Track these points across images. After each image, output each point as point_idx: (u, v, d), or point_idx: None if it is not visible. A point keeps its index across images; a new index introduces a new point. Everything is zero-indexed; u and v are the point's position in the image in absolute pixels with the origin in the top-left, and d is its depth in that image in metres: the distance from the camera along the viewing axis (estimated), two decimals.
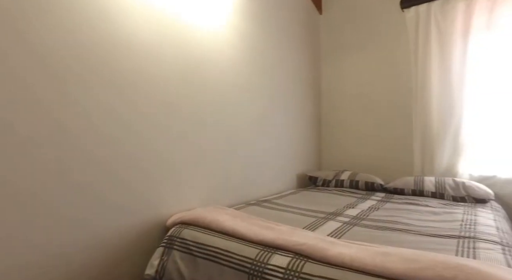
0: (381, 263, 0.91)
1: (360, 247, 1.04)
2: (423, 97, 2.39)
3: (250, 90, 2.07)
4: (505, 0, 2.12)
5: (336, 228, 1.39)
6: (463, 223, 1.47)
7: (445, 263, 0.85)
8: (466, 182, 2.05)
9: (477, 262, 0.88)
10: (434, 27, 2.34)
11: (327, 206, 1.85)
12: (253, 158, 2.09)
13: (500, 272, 0.82)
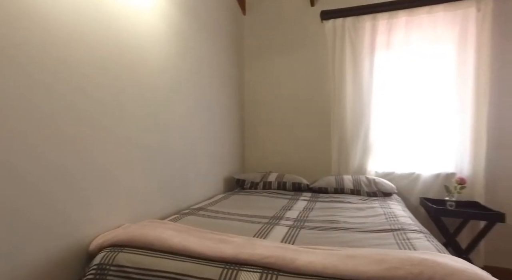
0: (353, 267, 0.92)
1: (326, 252, 1.04)
2: (339, 104, 2.63)
3: (177, 90, 1.89)
4: (398, 25, 2.51)
5: (286, 233, 1.38)
6: (386, 216, 1.66)
7: (410, 260, 0.91)
8: (376, 179, 2.35)
9: (431, 254, 0.98)
10: (348, 41, 2.61)
11: (264, 209, 1.83)
12: (181, 162, 1.91)
13: (447, 260, 0.93)
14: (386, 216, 1.66)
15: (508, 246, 2.29)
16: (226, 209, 1.81)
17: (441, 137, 2.41)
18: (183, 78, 1.93)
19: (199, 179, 2.12)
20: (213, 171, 2.35)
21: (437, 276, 0.85)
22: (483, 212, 2.04)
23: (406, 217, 1.65)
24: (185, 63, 1.94)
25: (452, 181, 2.30)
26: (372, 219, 1.62)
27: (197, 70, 2.10)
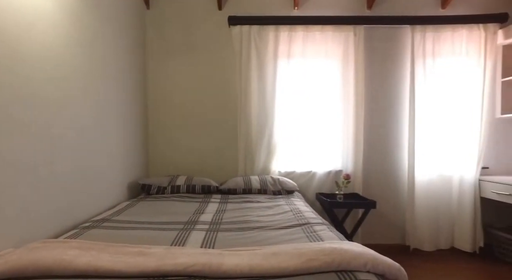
0: (277, 264, 0.99)
1: (250, 253, 1.08)
2: (246, 107, 2.75)
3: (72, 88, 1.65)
4: (297, 38, 2.79)
5: (204, 238, 1.37)
6: (293, 212, 1.83)
7: (322, 251, 1.04)
8: (280, 178, 2.55)
9: (337, 243, 1.14)
10: (254, 48, 2.75)
11: (177, 215, 1.77)
12: (77, 169, 1.67)
13: (350, 247, 1.10)
14: (293, 213, 1.82)
15: (377, 226, 2.82)
16: (135, 218, 1.67)
17: (331, 139, 2.79)
18: (75, 77, 1.68)
19: (99, 187, 1.89)
20: (115, 177, 2.13)
21: (344, 262, 0.99)
22: (362, 201, 2.47)
23: (310, 212, 1.85)
24: (76, 59, 1.70)
25: (340, 177, 2.69)
26: (281, 216, 1.76)
27: (97, 71, 1.87)
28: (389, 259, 1.07)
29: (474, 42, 2.75)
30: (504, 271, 2.43)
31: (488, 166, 2.80)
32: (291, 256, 1.02)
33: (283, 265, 0.98)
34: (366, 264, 1.01)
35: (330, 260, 0.99)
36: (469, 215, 2.69)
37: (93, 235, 1.37)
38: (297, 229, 1.49)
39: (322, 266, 0.98)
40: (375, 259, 1.03)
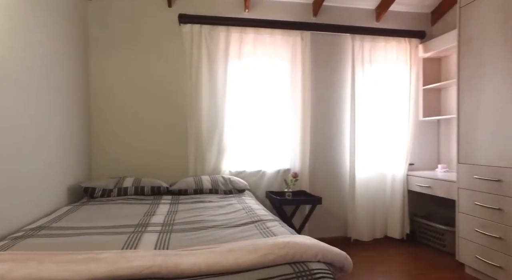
0: (234, 260, 1.02)
1: (206, 251, 1.10)
2: (196, 106, 2.72)
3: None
4: (248, 40, 2.85)
5: (157, 240, 1.34)
6: (245, 210, 1.87)
7: (276, 245, 1.10)
8: (231, 178, 2.58)
9: (290, 237, 1.21)
10: (205, 47, 2.74)
11: (126, 218, 1.69)
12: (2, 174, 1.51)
13: (302, 239, 1.18)
14: (245, 211, 1.87)
15: (323, 220, 3.02)
16: (78, 223, 1.56)
17: (280, 139, 2.91)
18: (3, 72, 1.52)
19: (32, 192, 1.72)
20: (52, 180, 1.95)
21: (298, 254, 1.06)
22: (309, 198, 2.63)
23: (261, 209, 1.92)
24: (4, 51, 1.53)
25: (289, 175, 2.82)
26: (234, 214, 1.79)
27: (25, 61, 1.70)
28: (337, 249, 1.17)
29: (402, 53, 3.10)
30: (424, 252, 2.79)
31: (414, 162, 3.18)
32: (247, 252, 1.06)
33: (240, 260, 1.02)
34: (316, 254, 1.10)
35: (284, 253, 1.05)
36: (399, 206, 3.03)
37: (29, 245, 1.25)
38: (251, 226, 1.53)
39: (277, 259, 1.03)
40: (324, 250, 1.12)
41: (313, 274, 1.02)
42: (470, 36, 2.26)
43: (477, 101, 2.22)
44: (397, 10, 3.14)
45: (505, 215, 1.99)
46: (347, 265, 1.15)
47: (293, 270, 1.02)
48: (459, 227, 2.35)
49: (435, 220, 2.99)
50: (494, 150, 2.08)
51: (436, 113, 3.17)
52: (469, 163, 2.27)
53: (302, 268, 1.03)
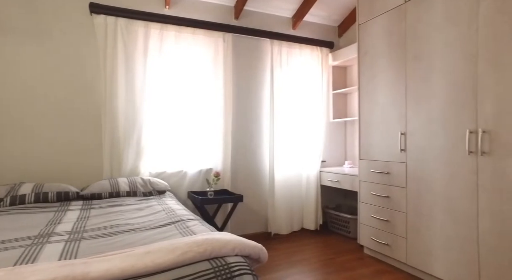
0: (152, 262, 1.00)
1: (121, 256, 1.05)
2: (111, 104, 2.53)
3: None
4: (169, 37, 2.78)
5: (63, 250, 1.22)
6: (165, 212, 1.83)
7: (195, 243, 1.12)
8: (151, 179, 2.48)
9: (209, 234, 1.23)
10: (121, 42, 2.56)
11: (21, 230, 1.49)
12: None
13: (221, 236, 1.22)
14: (165, 212, 1.83)
15: (245, 218, 3.13)
16: None
17: (202, 138, 2.91)
18: None
19: None
20: None
21: (216, 249, 1.10)
22: (231, 196, 2.69)
23: (182, 210, 1.90)
24: None
25: (211, 175, 2.84)
26: (153, 216, 1.74)
27: None
28: (253, 242, 1.24)
29: (315, 60, 3.41)
30: (334, 239, 3.13)
31: (325, 160, 3.53)
32: (166, 252, 1.05)
33: (158, 261, 1.00)
34: (234, 248, 1.15)
35: (203, 250, 1.08)
36: (313, 200, 3.33)
37: None
38: (170, 227, 1.51)
39: (196, 256, 1.05)
40: (241, 244, 1.18)
41: (230, 268, 1.07)
42: (366, 50, 2.63)
43: (372, 106, 2.59)
44: (311, 20, 3.44)
45: (392, 201, 2.38)
46: (262, 256, 1.23)
47: (211, 266, 1.05)
48: (360, 215, 2.71)
49: (343, 211, 3.38)
50: (384, 147, 2.46)
51: (343, 115, 3.58)
52: (367, 159, 2.63)
53: (220, 263, 1.07)
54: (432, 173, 2.09)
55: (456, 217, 1.94)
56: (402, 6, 2.30)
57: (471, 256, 1.86)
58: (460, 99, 1.92)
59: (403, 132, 2.30)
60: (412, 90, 2.23)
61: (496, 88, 1.74)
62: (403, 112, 2.30)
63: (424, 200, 2.14)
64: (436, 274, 2.07)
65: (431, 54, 2.09)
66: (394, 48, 2.37)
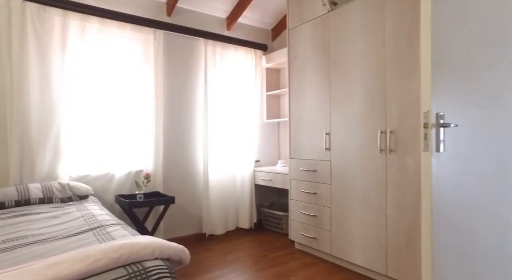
0: (55, 275, 0.92)
1: (16, 272, 0.94)
2: (21, 101, 2.23)
3: None
4: (92, 30, 2.57)
5: None
6: (84, 218, 1.69)
7: (111, 249, 1.05)
8: (70, 183, 2.26)
9: (128, 239, 1.17)
10: (32, 31, 2.28)
11: None
12: None
13: (140, 239, 1.17)
14: (84, 218, 1.69)
15: (178, 220, 3.05)
16: None
17: (131, 139, 2.75)
18: None
19: None
20: None
21: (133, 254, 1.05)
22: (162, 198, 2.60)
23: (104, 215, 1.77)
24: None
25: (141, 176, 2.71)
26: (69, 224, 1.59)
27: None
28: (175, 243, 1.22)
29: (249, 62, 3.48)
30: (267, 236, 3.23)
31: (259, 159, 3.63)
32: (75, 262, 0.97)
33: (64, 273, 0.92)
34: (154, 252, 1.11)
35: (118, 256, 1.02)
36: (247, 199, 3.39)
37: None
38: (88, 234, 1.40)
39: (109, 263, 0.99)
40: (161, 246, 1.15)
41: (148, 272, 1.03)
42: (296, 54, 2.78)
43: (300, 107, 2.74)
44: (245, 23, 3.50)
45: (318, 197, 2.55)
46: (184, 257, 1.21)
47: (127, 272, 1.01)
48: (291, 211, 2.84)
49: (276, 208, 3.51)
50: (311, 146, 2.62)
51: (276, 116, 3.72)
52: (297, 158, 2.78)
53: (137, 268, 1.03)
54: (352, 169, 2.29)
55: (370, 207, 2.16)
56: (326, 15, 2.48)
57: (381, 241, 2.09)
58: (373, 103, 2.14)
59: (328, 132, 2.48)
60: (334, 94, 2.42)
61: (399, 94, 1.99)
62: (328, 114, 2.48)
63: (346, 194, 2.33)
64: (355, 261, 2.28)
65: (350, 62, 2.29)
66: (320, 54, 2.54)
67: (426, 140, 1.20)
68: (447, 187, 1.24)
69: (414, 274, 1.91)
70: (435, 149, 1.19)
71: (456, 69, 1.28)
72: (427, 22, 1.17)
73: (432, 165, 1.18)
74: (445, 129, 1.22)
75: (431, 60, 1.17)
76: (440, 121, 1.19)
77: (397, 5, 1.98)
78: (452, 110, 1.25)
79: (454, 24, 1.27)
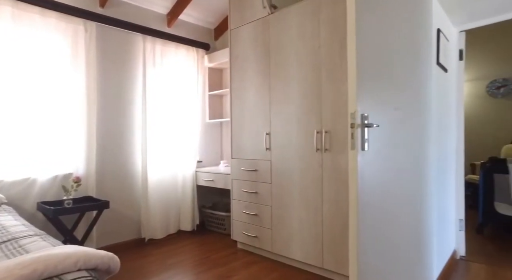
0: None
1: None
2: None
3: None
4: (4, 15, 2.27)
5: None
6: None
7: (21, 264, 0.93)
8: None
9: (45, 250, 1.05)
10: None
11: None
12: None
13: (60, 250, 1.06)
14: None
15: (114, 225, 2.85)
16: None
17: (58, 140, 2.49)
18: None
19: None
20: None
21: (50, 267, 0.95)
22: (94, 203, 2.40)
23: (18, 225, 1.57)
24: None
25: (69, 180, 2.47)
26: None
27: None
28: (103, 251, 1.13)
29: (191, 61, 3.41)
30: (210, 238, 3.18)
31: (202, 160, 3.57)
32: None
33: None
34: (77, 262, 1.02)
35: (29, 272, 0.91)
36: (189, 201, 3.31)
37: None
38: None
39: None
40: (86, 255, 1.05)
41: None
42: (237, 54, 2.79)
43: (242, 108, 2.76)
44: (187, 20, 3.42)
45: (259, 196, 2.60)
46: (113, 266, 1.13)
47: None
48: (233, 211, 2.85)
49: (219, 209, 3.48)
50: (252, 146, 2.66)
51: (219, 116, 3.69)
52: (238, 158, 2.79)
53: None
54: (290, 168, 2.37)
55: (308, 204, 2.26)
56: (266, 18, 2.53)
57: (318, 236, 2.20)
58: (310, 104, 2.24)
59: (268, 132, 2.53)
60: (274, 95, 2.48)
61: (333, 96, 2.11)
62: (268, 114, 2.53)
63: (285, 192, 2.41)
64: (294, 257, 2.36)
65: (289, 64, 2.37)
66: (260, 55, 2.58)
67: (352, 139, 1.29)
68: (371, 181, 1.35)
69: (347, 264, 2.04)
70: (360, 148, 1.29)
71: (378, 75, 1.41)
72: (352, 30, 1.26)
73: (358, 162, 1.28)
74: (369, 129, 1.33)
75: (356, 65, 1.26)
76: (364, 121, 1.29)
77: (331, 11, 2.11)
78: (375, 111, 1.37)
79: (376, 34, 1.39)
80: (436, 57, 2.06)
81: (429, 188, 1.91)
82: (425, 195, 1.84)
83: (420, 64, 1.78)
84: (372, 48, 1.36)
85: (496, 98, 4.69)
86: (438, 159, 2.13)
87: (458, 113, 2.60)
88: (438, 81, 2.12)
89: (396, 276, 1.51)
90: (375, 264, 1.35)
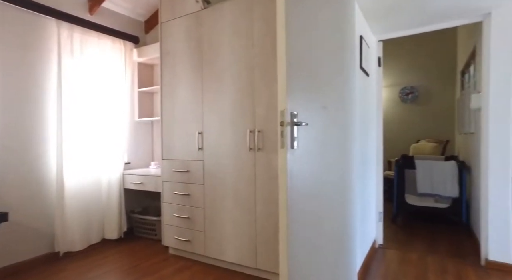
0: None
1: None
2: None
3: None
4: None
5: None
6: None
7: None
8: None
9: None
10: None
11: None
12: None
13: None
14: None
15: (17, 242, 2.44)
16: None
17: None
18: None
19: None
20: None
21: None
22: None
23: None
24: None
25: None
26: None
27: None
28: None
29: (117, 54, 3.12)
30: (140, 244, 2.95)
31: (130, 161, 3.30)
32: None
33: None
34: None
35: None
36: (115, 206, 3.02)
37: None
38: None
39: None
40: None
41: None
42: (168, 49, 2.64)
43: (173, 106, 2.61)
44: (112, 9, 3.12)
45: (192, 198, 2.49)
46: None
47: None
48: (163, 215, 2.68)
49: (149, 213, 3.26)
50: (183, 146, 2.54)
51: (149, 114, 3.46)
52: (169, 159, 2.63)
53: None
54: (224, 168, 2.31)
55: (241, 204, 2.23)
56: (200, 12, 2.44)
57: (251, 237, 2.19)
58: (243, 102, 2.22)
59: (200, 131, 2.44)
60: (207, 92, 2.40)
61: (266, 95, 2.12)
62: (200, 113, 2.44)
63: (219, 193, 2.34)
64: (228, 259, 2.31)
65: (222, 61, 2.32)
66: (193, 51, 2.48)
67: (282, 138, 1.29)
68: (300, 180, 1.37)
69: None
70: (290, 146, 1.29)
71: (307, 74, 1.44)
72: (281, 28, 1.26)
73: (287, 160, 1.28)
74: (298, 127, 1.35)
75: (286, 63, 1.26)
76: (294, 119, 1.30)
77: (263, 10, 2.11)
78: (304, 110, 1.39)
79: (304, 34, 1.42)
80: (359, 61, 2.22)
81: (354, 184, 2.04)
82: (351, 191, 1.96)
83: (346, 66, 1.89)
84: (301, 47, 1.38)
85: (406, 103, 5.33)
86: (362, 157, 2.29)
87: (378, 115, 2.85)
88: (361, 84, 2.29)
89: (324, 267, 1.56)
90: (304, 258, 1.37)
